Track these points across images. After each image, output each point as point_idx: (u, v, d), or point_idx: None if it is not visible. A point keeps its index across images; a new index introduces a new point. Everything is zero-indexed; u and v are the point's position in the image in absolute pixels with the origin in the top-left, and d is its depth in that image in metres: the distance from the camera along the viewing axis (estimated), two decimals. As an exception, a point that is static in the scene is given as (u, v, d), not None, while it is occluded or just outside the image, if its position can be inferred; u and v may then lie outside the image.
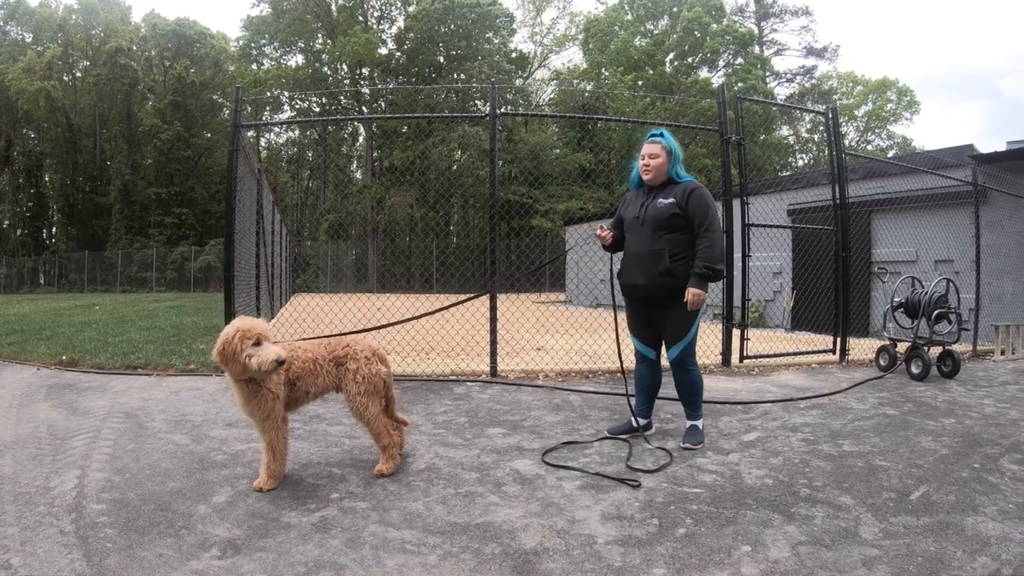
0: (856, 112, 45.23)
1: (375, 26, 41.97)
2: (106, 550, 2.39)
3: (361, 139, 43.77)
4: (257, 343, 2.95)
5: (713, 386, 5.79)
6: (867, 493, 3.13)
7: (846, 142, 30.13)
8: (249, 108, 38.36)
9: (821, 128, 42.51)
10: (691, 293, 3.75)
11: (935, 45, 77.68)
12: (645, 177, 4.01)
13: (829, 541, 2.60)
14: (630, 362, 4.39)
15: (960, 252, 9.66)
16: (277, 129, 46.86)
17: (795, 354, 7.44)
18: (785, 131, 43.18)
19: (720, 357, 7.00)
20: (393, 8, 42.32)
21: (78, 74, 43.17)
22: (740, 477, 3.39)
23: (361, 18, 41.55)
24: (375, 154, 40.90)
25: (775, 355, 7.21)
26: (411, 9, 40.08)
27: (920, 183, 10.04)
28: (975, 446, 3.93)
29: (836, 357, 7.46)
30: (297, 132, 46.35)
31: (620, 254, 4.19)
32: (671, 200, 3.86)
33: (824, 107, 8.12)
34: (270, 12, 41.13)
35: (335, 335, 3.88)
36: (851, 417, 4.72)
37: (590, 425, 4.46)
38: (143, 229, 40.52)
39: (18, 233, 43.10)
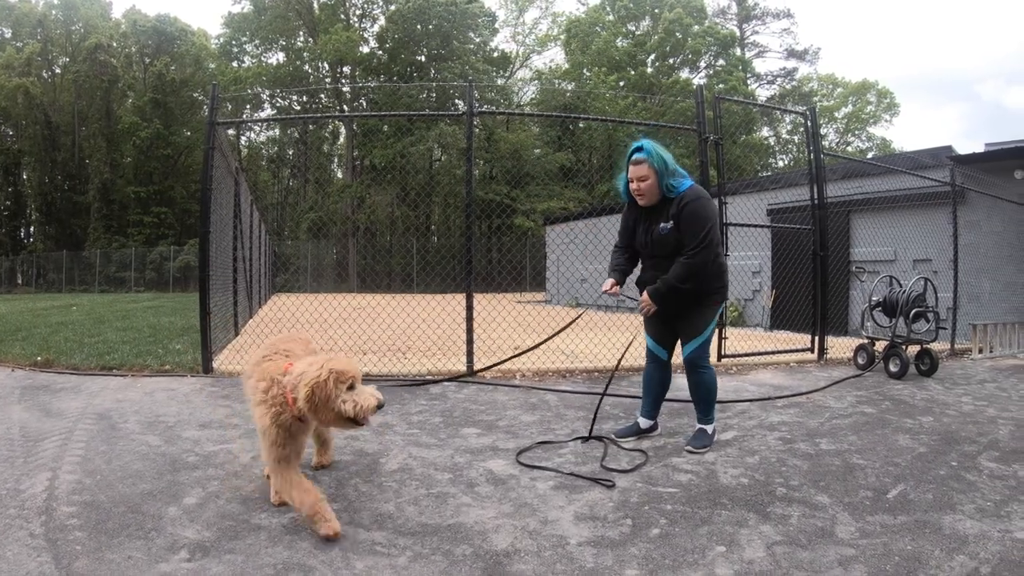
0: (836, 114, 45.61)
1: (357, 24, 41.72)
2: (75, 552, 2.37)
3: (342, 138, 43.56)
4: (351, 387, 2.57)
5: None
6: (844, 492, 3.08)
7: (826, 143, 30.42)
8: (230, 106, 38.08)
9: (801, 129, 42.94)
10: (643, 300, 3.78)
11: (915, 48, 78.83)
12: (640, 202, 3.82)
13: (805, 541, 2.55)
14: (607, 361, 4.32)
15: (938, 252, 9.71)
16: (258, 128, 46.54)
17: (773, 353, 7.42)
18: (766, 132, 43.52)
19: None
20: (375, 6, 42.09)
21: (57, 70, 42.56)
22: (716, 476, 3.33)
23: (343, 16, 41.27)
24: (355, 153, 40.66)
25: (753, 354, 7.19)
26: (392, 8, 39.88)
27: (899, 184, 10.08)
28: (953, 444, 3.90)
29: (814, 356, 7.46)
30: (278, 131, 46.04)
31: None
32: (670, 224, 3.69)
33: (804, 108, 8.11)
34: (251, 9, 40.72)
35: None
36: (828, 415, 4.69)
37: (566, 424, 4.39)
38: (122, 228, 39.96)
39: (-3, 232, 42.48)
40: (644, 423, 4.11)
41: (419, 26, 37.97)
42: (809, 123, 7.62)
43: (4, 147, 41.01)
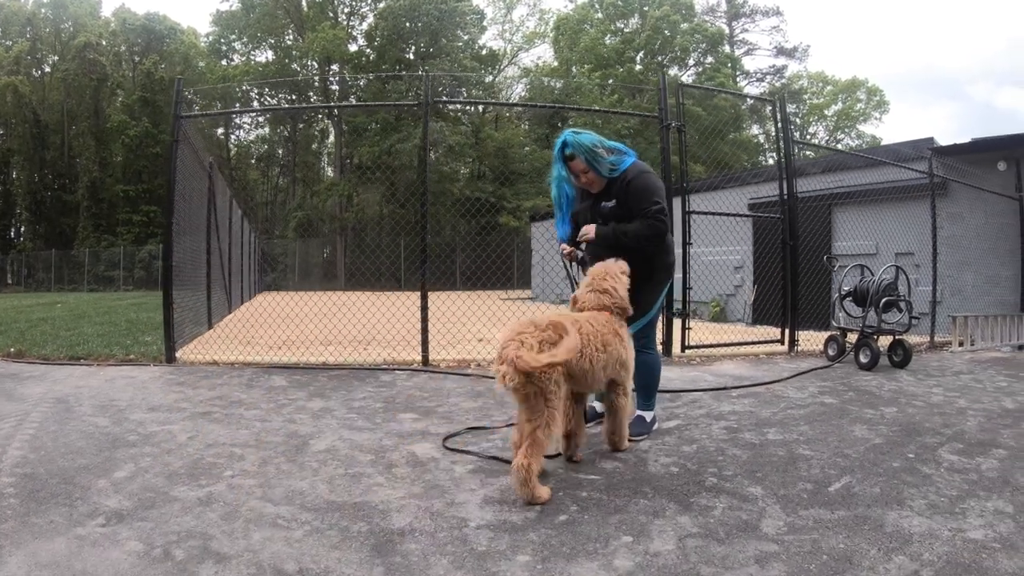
0: (826, 111, 45.46)
1: (345, 22, 41.45)
2: (4, 516, 2.51)
3: (332, 137, 43.30)
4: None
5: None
6: (780, 484, 2.83)
7: (815, 141, 30.20)
8: (219, 104, 37.74)
9: (791, 126, 42.78)
10: (586, 229, 3.62)
11: (905, 47, 78.78)
12: (592, 191, 3.68)
13: (723, 534, 2.30)
14: None
15: (921, 244, 9.46)
16: (247, 126, 46.24)
17: (741, 344, 7.18)
18: (756, 130, 43.31)
19: (661, 347, 6.70)
20: (363, 4, 41.82)
21: (47, 69, 42.20)
22: (645, 465, 3.11)
23: (331, 14, 40.99)
24: (343, 151, 40.41)
25: (719, 345, 6.97)
26: (381, 5, 39.65)
27: (881, 176, 9.84)
28: (913, 435, 3.64)
29: (785, 348, 7.22)
30: (268, 129, 45.73)
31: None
32: (613, 203, 3.57)
33: (772, 95, 7.88)
34: (240, 7, 40.44)
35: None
36: (784, 405, 4.44)
37: (506, 411, 4.21)
38: (111, 227, 39.56)
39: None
40: (601, 407, 3.81)
41: (408, 23, 37.76)
42: (778, 110, 7.37)
43: (-8, 146, 40.55)
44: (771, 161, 41.96)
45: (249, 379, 5.54)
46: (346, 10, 42.23)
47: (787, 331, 7.26)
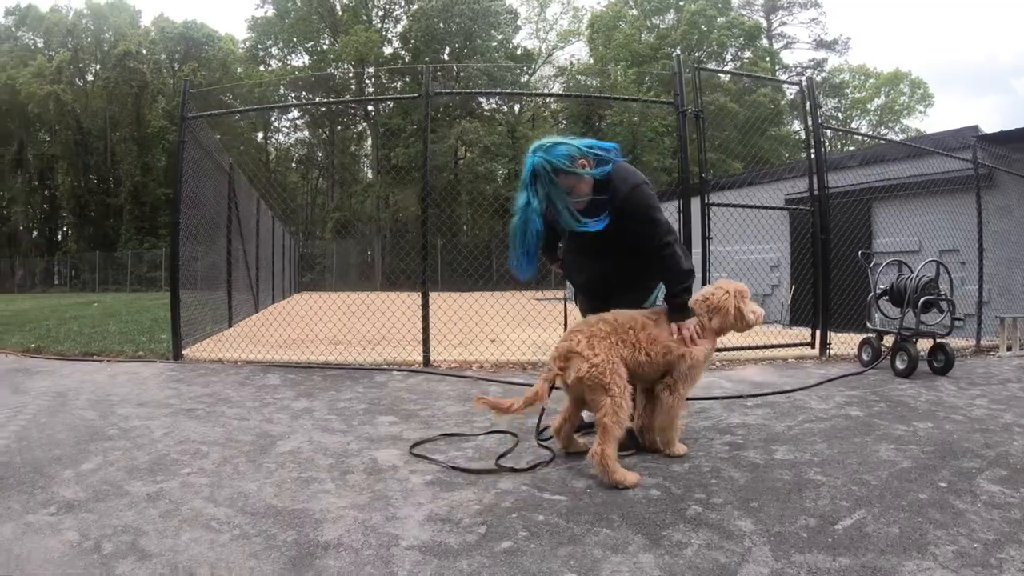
0: (869, 106, 43.87)
1: (380, 25, 41.54)
2: None
3: (369, 139, 43.48)
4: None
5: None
6: (777, 517, 2.37)
7: (858, 139, 29.02)
8: (242, 103, 38.06)
9: (833, 121, 41.41)
10: (683, 330, 3.18)
11: (948, 38, 75.58)
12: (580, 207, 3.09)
13: (691, 584, 1.87)
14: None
15: (966, 241, 8.76)
16: (286, 129, 46.71)
17: (767, 347, 6.64)
18: (797, 125, 41.97)
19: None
20: (397, 6, 41.86)
21: (89, 77, 43.28)
22: (623, 492, 2.69)
23: (365, 17, 41.11)
24: (379, 153, 40.52)
25: (742, 348, 6.44)
26: (415, 7, 39.64)
27: (924, 168, 9.16)
28: (949, 458, 3.11)
29: (816, 352, 6.66)
30: (307, 132, 46.16)
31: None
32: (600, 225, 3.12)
33: (801, 78, 7.34)
34: (274, 13, 40.89)
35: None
36: (802, 418, 3.94)
37: (489, 418, 3.89)
38: (153, 229, 40.38)
39: (33, 235, 43.39)
40: (590, 417, 3.44)
41: (441, 24, 37.65)
42: (806, 93, 6.83)
43: (39, 152, 41.79)
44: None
45: (245, 377, 5.55)
46: (380, 13, 42.31)
47: (818, 333, 6.70)
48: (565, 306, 3.84)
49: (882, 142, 10.40)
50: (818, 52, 43.96)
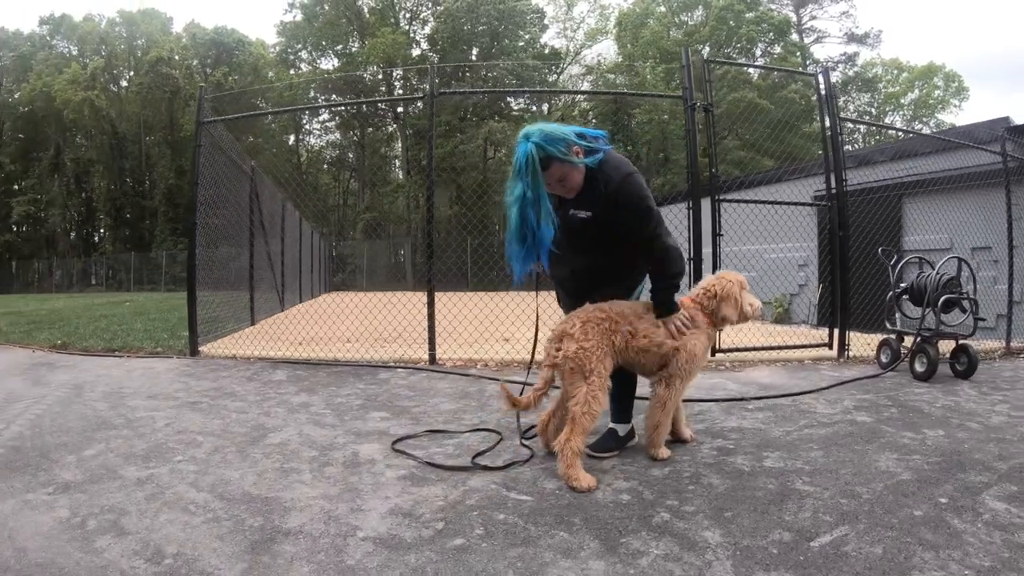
0: (902, 100, 42.62)
1: (407, 27, 41.69)
2: None
3: (399, 140, 43.67)
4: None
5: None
6: (750, 530, 2.20)
7: (892, 133, 28.12)
8: (273, 105, 38.49)
9: (867, 117, 40.42)
10: (672, 325, 3.09)
11: (984, 30, 73.14)
12: (569, 196, 2.96)
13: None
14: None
15: (999, 238, 8.35)
16: (317, 131, 47.16)
17: (781, 348, 6.39)
18: (828, 122, 40.84)
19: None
20: (424, 8, 41.95)
21: (124, 83, 44.24)
22: (592, 493, 2.59)
23: (392, 19, 41.29)
24: (409, 154, 40.70)
25: (755, 348, 6.20)
26: (440, 8, 39.71)
27: (954, 162, 8.76)
28: (955, 470, 2.87)
29: (834, 352, 6.38)
30: (339, 135, 46.54)
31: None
32: (588, 215, 2.96)
33: (816, 69, 7.08)
34: (303, 18, 41.31)
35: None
36: (804, 423, 3.72)
37: (485, 415, 4.00)
38: (187, 231, 40.87)
39: (71, 236, 44.49)
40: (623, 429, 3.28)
41: (467, 25, 37.64)
42: (822, 84, 6.57)
43: (76, 157, 42.79)
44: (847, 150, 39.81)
45: (253, 373, 5.66)
46: (407, 15, 42.46)
47: (836, 333, 6.42)
48: (537, 304, 3.67)
49: (909, 135, 10.00)
50: (849, 46, 42.79)
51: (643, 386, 3.27)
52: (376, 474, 2.91)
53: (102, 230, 45.91)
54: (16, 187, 42.83)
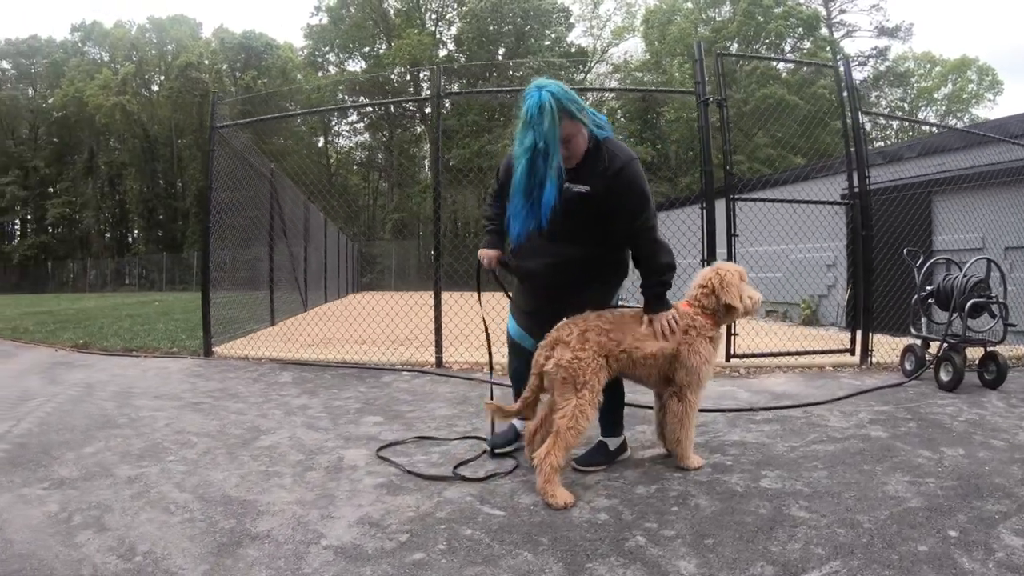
0: (935, 95, 41.31)
1: (433, 28, 41.73)
2: None
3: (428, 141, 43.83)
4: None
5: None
6: (730, 561, 2.01)
7: (924, 129, 27.17)
8: (302, 108, 38.80)
9: (900, 112, 39.37)
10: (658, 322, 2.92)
11: (1016, 22, 70.41)
12: (568, 165, 2.73)
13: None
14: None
15: (1035, 236, 7.98)
16: (347, 133, 47.49)
17: (800, 353, 6.10)
18: (862, 118, 39.76)
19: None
20: (449, 9, 41.95)
21: (155, 88, 44.99)
22: (569, 511, 2.46)
23: (418, 21, 41.35)
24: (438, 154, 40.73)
25: (772, 354, 5.94)
26: (463, 10, 39.69)
27: (988, 157, 8.36)
28: (972, 496, 2.60)
29: (856, 358, 6.09)
30: (368, 136, 46.87)
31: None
32: (588, 189, 2.75)
33: (834, 58, 6.79)
34: (329, 20, 41.60)
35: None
36: (813, 437, 3.48)
37: (480, 422, 3.88)
38: (219, 232, 41.50)
39: (106, 237, 45.43)
40: (521, 425, 3.19)
41: (492, 25, 37.55)
42: (843, 73, 6.29)
43: (109, 160, 43.67)
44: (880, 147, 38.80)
45: (260, 374, 5.72)
46: (433, 16, 42.51)
47: (859, 338, 6.13)
48: (480, 299, 3.49)
49: (942, 129, 9.60)
50: (880, 40, 41.49)
51: (637, 392, 3.10)
52: (355, 481, 2.89)
53: (135, 231, 46.79)
54: (51, 190, 43.87)
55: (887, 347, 6.32)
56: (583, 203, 2.72)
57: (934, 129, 21.09)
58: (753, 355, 5.87)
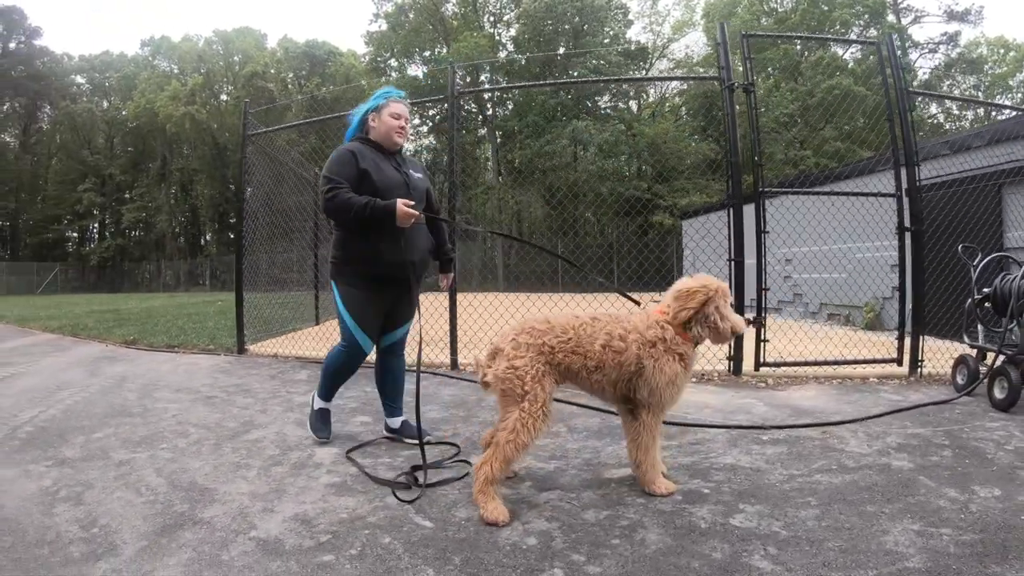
0: (1010, 82, 38.31)
1: (492, 30, 41.73)
2: (1, 450, 3.34)
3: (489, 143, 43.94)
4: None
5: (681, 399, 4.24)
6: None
7: (1003, 115, 25.13)
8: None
9: (974, 97, 36.85)
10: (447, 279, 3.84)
11: None
12: (400, 142, 3.43)
13: None
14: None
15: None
16: (412, 137, 48.06)
17: (841, 363, 5.51)
18: (933, 108, 37.32)
19: (728, 363, 5.33)
20: (507, 11, 41.85)
21: (224, 97, 46.72)
22: (499, 530, 2.28)
23: (476, 24, 41.43)
24: (498, 155, 40.79)
25: (807, 363, 5.40)
26: (520, 8, 39.52)
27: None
28: (992, 557, 2.03)
29: (904, 369, 5.49)
30: (433, 139, 47.51)
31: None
32: (421, 175, 3.50)
33: (877, 35, 6.18)
34: (388, 27, 42.17)
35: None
36: (821, 465, 3.00)
37: (464, 427, 3.87)
38: (286, 234, 42.70)
39: (179, 240, 47.42)
40: (394, 424, 3.62)
41: (549, 24, 37.24)
42: (887, 53, 5.70)
43: (181, 167, 45.62)
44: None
45: (279, 371, 5.86)
46: (491, 18, 42.52)
47: (907, 346, 5.53)
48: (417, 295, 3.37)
49: (1012, 112, 8.75)
50: (950, 25, 38.88)
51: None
52: (312, 479, 2.94)
53: (208, 234, 48.71)
54: (127, 195, 46.24)
55: (943, 356, 5.69)
56: (424, 187, 3.58)
57: (1006, 113, 19.67)
58: (785, 363, 5.36)
